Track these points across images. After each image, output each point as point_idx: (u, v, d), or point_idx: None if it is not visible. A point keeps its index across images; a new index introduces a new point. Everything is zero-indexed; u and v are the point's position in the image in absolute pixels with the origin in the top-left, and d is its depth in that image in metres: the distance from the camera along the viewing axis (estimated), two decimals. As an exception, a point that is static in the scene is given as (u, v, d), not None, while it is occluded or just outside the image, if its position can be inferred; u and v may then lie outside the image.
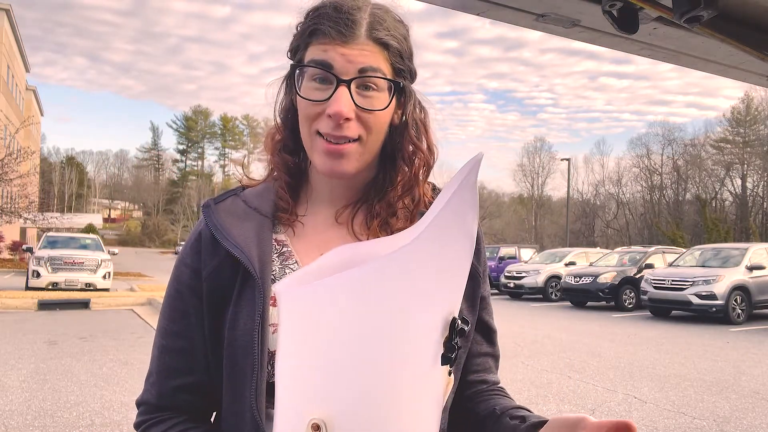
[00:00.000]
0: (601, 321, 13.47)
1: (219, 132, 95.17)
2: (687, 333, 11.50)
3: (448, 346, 0.69)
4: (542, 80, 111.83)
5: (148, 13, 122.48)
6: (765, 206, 47.14)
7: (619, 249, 21.79)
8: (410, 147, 0.95)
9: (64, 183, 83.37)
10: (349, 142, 0.87)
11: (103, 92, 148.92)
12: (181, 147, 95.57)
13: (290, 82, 0.95)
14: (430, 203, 0.91)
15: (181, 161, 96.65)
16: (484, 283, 0.99)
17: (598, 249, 26.00)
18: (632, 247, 23.17)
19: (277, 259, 0.92)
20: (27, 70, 46.77)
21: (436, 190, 0.97)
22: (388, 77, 0.89)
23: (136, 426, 0.91)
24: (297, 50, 0.92)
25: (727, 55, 1.15)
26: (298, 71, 0.89)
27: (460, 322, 0.71)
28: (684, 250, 18.37)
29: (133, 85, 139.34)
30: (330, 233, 0.94)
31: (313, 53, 0.88)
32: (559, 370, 7.55)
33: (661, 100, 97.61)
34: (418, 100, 0.98)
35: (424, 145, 0.96)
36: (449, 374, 0.77)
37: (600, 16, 0.97)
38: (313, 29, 0.88)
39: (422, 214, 0.87)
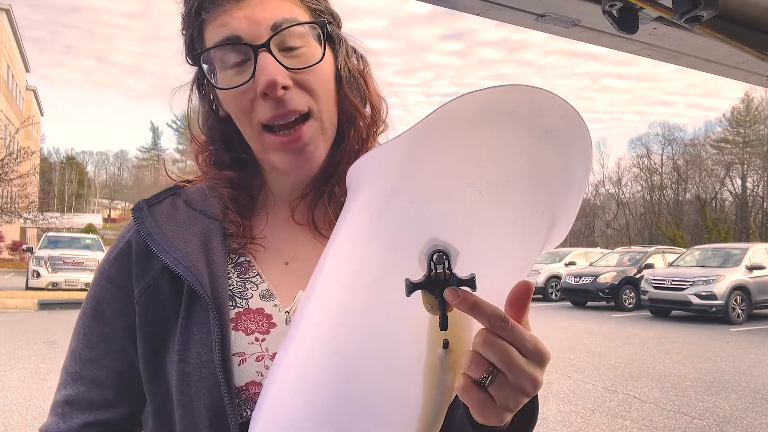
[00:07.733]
0: (601, 321, 13.45)
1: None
2: (687, 333, 11.50)
3: (426, 276, 0.52)
4: (545, 81, 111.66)
5: (156, 16, 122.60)
6: (765, 206, 47.13)
7: (619, 249, 21.78)
8: (350, 106, 0.77)
9: (64, 183, 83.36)
10: (301, 121, 0.71)
11: (109, 93, 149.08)
12: (181, 147, 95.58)
13: (201, 84, 0.80)
14: None
15: (181, 161, 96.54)
16: None
17: (598, 249, 25.98)
18: (632, 247, 23.15)
19: (233, 271, 0.76)
20: (27, 70, 46.76)
21: None
22: (308, 21, 0.72)
23: None
24: (193, 42, 0.76)
25: (727, 55, 1.15)
26: (205, 64, 0.73)
27: (443, 256, 0.53)
28: (684, 250, 18.36)
29: (138, 87, 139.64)
30: (292, 235, 0.79)
31: (211, 34, 0.72)
32: (559, 370, 7.54)
33: (662, 101, 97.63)
34: (352, 47, 0.80)
35: (366, 101, 0.79)
36: (445, 346, 0.54)
37: (600, 16, 0.97)
38: (198, 5, 0.72)
39: None
